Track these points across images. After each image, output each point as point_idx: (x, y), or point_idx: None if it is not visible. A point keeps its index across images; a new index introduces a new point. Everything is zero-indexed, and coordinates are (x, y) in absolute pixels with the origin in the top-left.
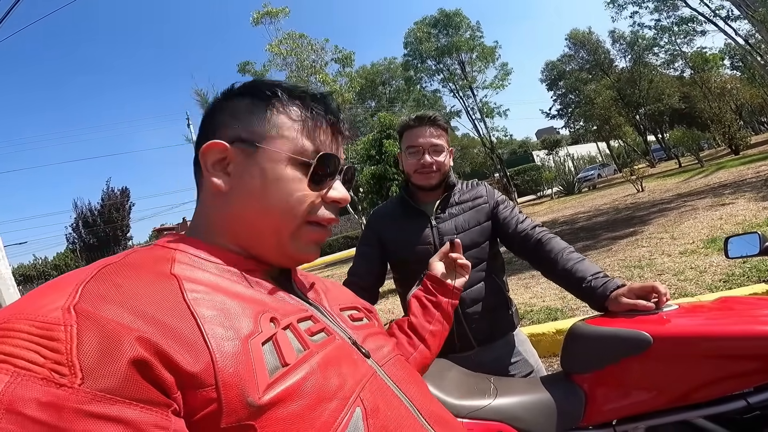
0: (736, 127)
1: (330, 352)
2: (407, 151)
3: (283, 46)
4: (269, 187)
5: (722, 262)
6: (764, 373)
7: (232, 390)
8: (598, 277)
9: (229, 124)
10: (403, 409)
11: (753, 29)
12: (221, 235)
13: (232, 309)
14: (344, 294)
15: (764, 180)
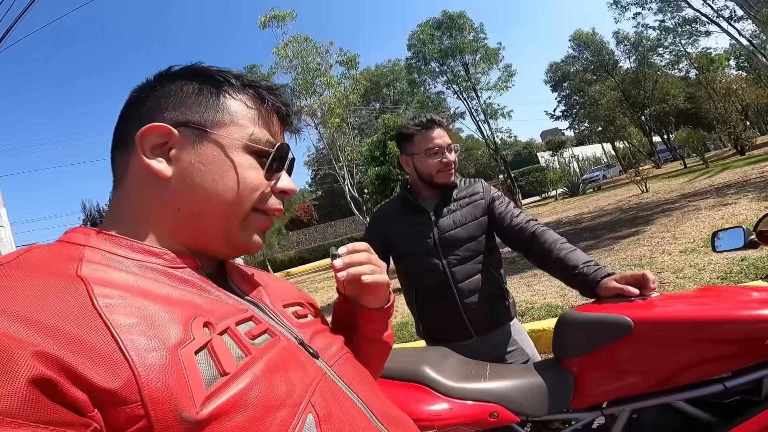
0: (741, 128)
1: (275, 356)
2: (426, 152)
3: (289, 48)
4: (221, 174)
5: (721, 260)
6: (741, 358)
7: (163, 406)
8: (589, 265)
9: (172, 108)
10: (356, 411)
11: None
12: (153, 225)
13: (156, 315)
14: (286, 288)
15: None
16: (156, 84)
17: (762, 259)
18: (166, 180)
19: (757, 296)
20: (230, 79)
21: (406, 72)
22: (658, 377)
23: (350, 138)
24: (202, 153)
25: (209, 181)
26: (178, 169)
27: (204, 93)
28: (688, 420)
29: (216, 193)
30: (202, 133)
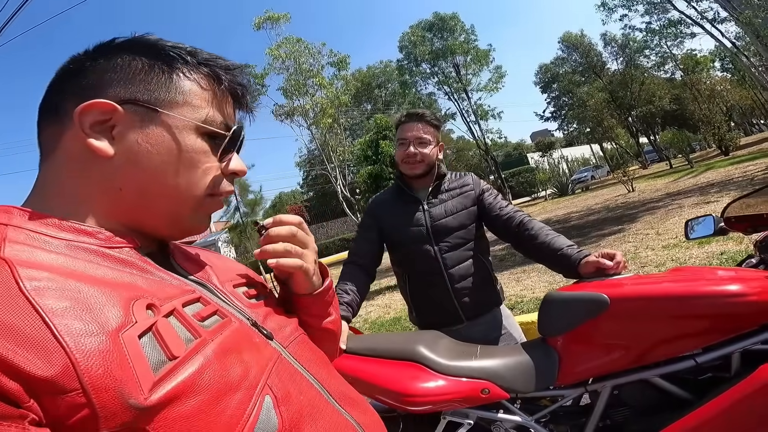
0: (725, 129)
1: (227, 338)
2: (398, 143)
3: (282, 49)
4: (170, 156)
5: (701, 254)
6: (710, 334)
7: (106, 393)
8: (572, 247)
9: (117, 84)
10: (313, 391)
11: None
12: (88, 204)
13: (91, 298)
14: (234, 267)
15: (750, 179)
16: (98, 56)
17: (740, 252)
18: (108, 158)
19: (723, 274)
20: (185, 56)
21: (398, 73)
22: (634, 353)
23: (342, 139)
24: (150, 133)
25: (158, 162)
26: (122, 148)
27: (155, 70)
28: (665, 396)
29: (165, 175)
30: (151, 112)
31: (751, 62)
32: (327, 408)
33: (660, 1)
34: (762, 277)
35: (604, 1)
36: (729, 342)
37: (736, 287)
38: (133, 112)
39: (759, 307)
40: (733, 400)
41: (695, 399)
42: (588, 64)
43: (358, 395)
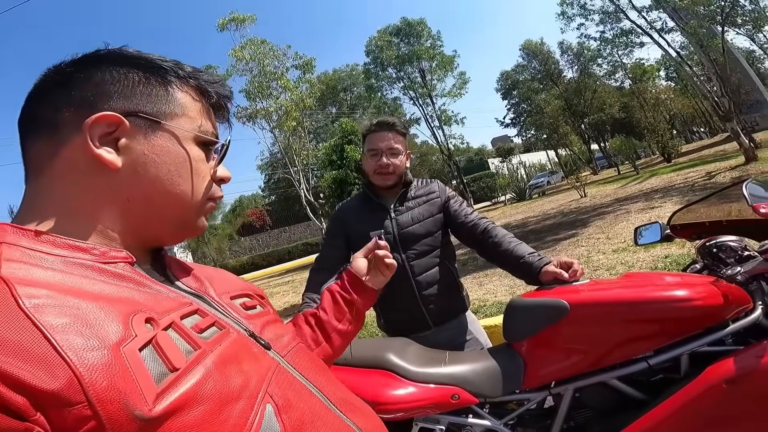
0: (668, 137)
1: (226, 349)
2: (368, 153)
3: (245, 51)
4: (176, 165)
5: (647, 258)
6: (659, 337)
7: (112, 405)
8: (533, 255)
9: (119, 97)
10: (313, 399)
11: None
12: (89, 217)
13: (90, 313)
14: (231, 280)
15: (691, 186)
16: (87, 68)
17: (683, 256)
18: (115, 170)
19: (671, 280)
20: (176, 70)
21: (364, 77)
22: (593, 356)
23: (306, 142)
24: (155, 144)
25: (164, 172)
26: (128, 159)
27: (151, 83)
28: (623, 397)
29: (172, 183)
30: (155, 123)
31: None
32: (328, 414)
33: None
34: (707, 283)
35: (564, 10)
36: (678, 344)
37: (683, 293)
38: (137, 124)
39: (704, 311)
40: (684, 402)
41: (650, 400)
42: (546, 71)
43: (359, 401)
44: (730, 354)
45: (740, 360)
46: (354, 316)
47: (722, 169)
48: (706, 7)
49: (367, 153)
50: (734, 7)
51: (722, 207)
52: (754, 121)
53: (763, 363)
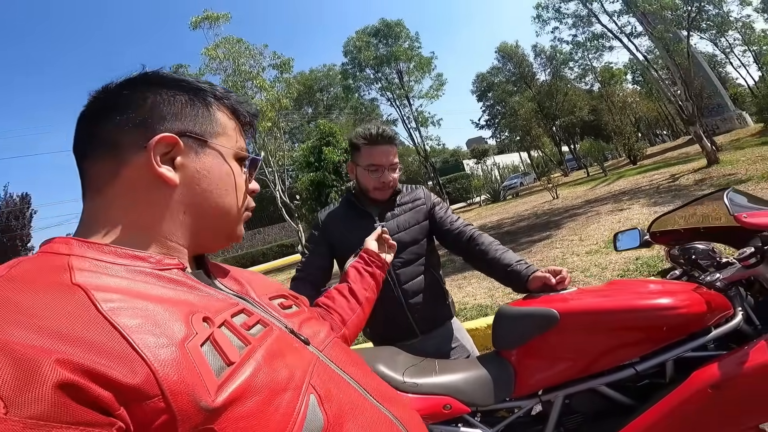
0: (634, 139)
1: (272, 344)
2: (368, 168)
3: (219, 49)
4: (222, 180)
5: (619, 259)
6: (646, 343)
7: (182, 397)
8: (521, 263)
9: (173, 118)
10: (351, 390)
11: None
12: (150, 230)
13: (157, 314)
14: (268, 283)
15: (656, 188)
16: (141, 90)
17: (653, 258)
18: (173, 187)
19: (655, 288)
20: (214, 92)
21: (342, 77)
22: (582, 363)
23: (282, 143)
24: (204, 161)
25: (214, 186)
26: (184, 176)
27: (196, 105)
28: (612, 403)
29: (220, 196)
30: (203, 142)
31: (659, 75)
32: (366, 404)
33: (587, 15)
34: (689, 290)
35: (539, 14)
36: (663, 351)
37: (668, 301)
38: (188, 143)
39: (688, 318)
40: (671, 407)
41: (638, 405)
42: (520, 74)
43: (394, 392)
44: (714, 359)
45: (724, 365)
46: (375, 286)
47: (685, 172)
48: (674, 12)
49: (365, 167)
50: (700, 12)
51: (700, 215)
52: (715, 124)
53: (746, 368)
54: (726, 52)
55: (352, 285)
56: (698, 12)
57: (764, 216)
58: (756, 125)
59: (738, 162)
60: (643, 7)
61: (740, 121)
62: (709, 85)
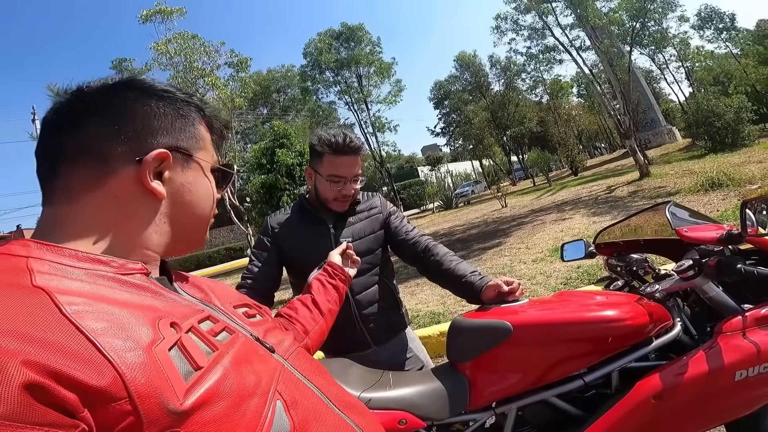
0: (576, 151)
1: (239, 350)
2: (329, 178)
3: (171, 45)
4: (202, 192)
5: (563, 268)
6: (593, 355)
7: (150, 400)
8: (475, 274)
9: (162, 132)
10: (315, 398)
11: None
12: (129, 241)
13: (123, 318)
14: (231, 291)
15: (595, 198)
16: (129, 101)
17: (592, 267)
18: (161, 200)
19: (601, 300)
20: (196, 104)
21: (300, 79)
22: (534, 375)
23: (233, 143)
24: (189, 175)
25: (196, 198)
26: (170, 189)
27: (183, 119)
28: (562, 414)
29: (200, 208)
30: (187, 157)
31: (602, 89)
32: (329, 413)
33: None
34: (632, 302)
35: (498, 24)
36: (609, 361)
37: (613, 312)
38: (176, 158)
39: (632, 329)
40: (618, 417)
41: (587, 416)
42: (476, 83)
43: (356, 400)
44: (656, 370)
45: (665, 376)
46: (338, 298)
47: (620, 184)
48: (620, 27)
49: (326, 177)
50: (643, 27)
51: (643, 227)
52: (648, 139)
53: (686, 378)
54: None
55: (316, 296)
56: (641, 27)
57: (703, 231)
58: (684, 140)
59: (667, 175)
60: (593, 21)
61: (670, 136)
62: (645, 100)
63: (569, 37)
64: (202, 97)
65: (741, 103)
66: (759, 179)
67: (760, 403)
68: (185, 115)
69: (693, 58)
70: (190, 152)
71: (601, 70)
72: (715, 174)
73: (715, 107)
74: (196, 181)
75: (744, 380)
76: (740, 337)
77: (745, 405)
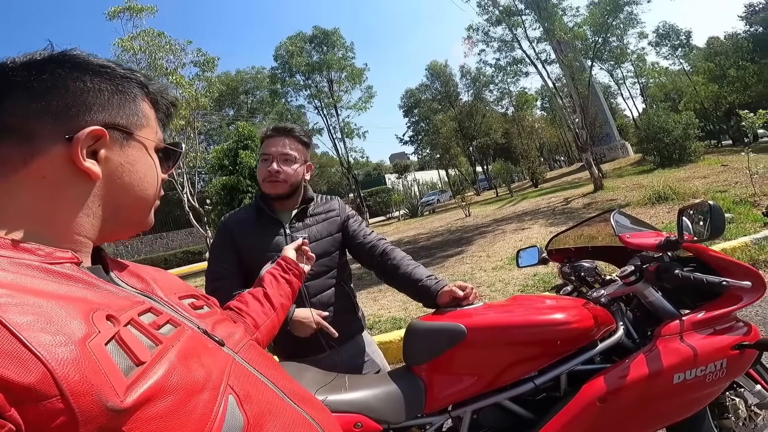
0: (537, 163)
1: (185, 344)
2: (261, 159)
3: (136, 41)
4: (145, 172)
5: (520, 275)
6: (544, 357)
7: (85, 398)
8: (431, 278)
9: (97, 109)
10: (269, 391)
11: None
12: (55, 225)
13: (51, 311)
14: (176, 281)
15: (552, 210)
16: (61, 76)
17: (549, 275)
18: (95, 180)
19: (551, 303)
20: (138, 80)
21: (269, 81)
22: (488, 378)
23: (195, 143)
24: (129, 154)
25: (136, 179)
26: (106, 169)
27: (122, 95)
28: (515, 417)
29: (141, 189)
30: (128, 135)
31: (563, 103)
32: (284, 406)
33: (511, 40)
34: (579, 306)
35: (470, 35)
36: (557, 364)
37: (561, 316)
38: (114, 136)
39: (579, 332)
40: (567, 421)
41: (538, 419)
42: (446, 93)
43: (309, 394)
44: (600, 373)
45: (608, 378)
46: (290, 293)
47: (576, 196)
48: (583, 41)
49: (260, 159)
50: (605, 42)
51: (591, 234)
52: (603, 153)
53: (627, 381)
54: (619, 83)
55: (268, 290)
56: (603, 42)
57: (644, 237)
58: (635, 155)
59: (619, 189)
60: (559, 35)
61: (623, 151)
62: (602, 114)
63: (536, 50)
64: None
65: (689, 119)
66: (702, 194)
67: (699, 406)
68: (125, 91)
69: (648, 74)
70: (130, 130)
71: (564, 84)
72: (661, 188)
73: (664, 123)
74: (138, 160)
75: (682, 383)
76: (678, 341)
77: (684, 408)
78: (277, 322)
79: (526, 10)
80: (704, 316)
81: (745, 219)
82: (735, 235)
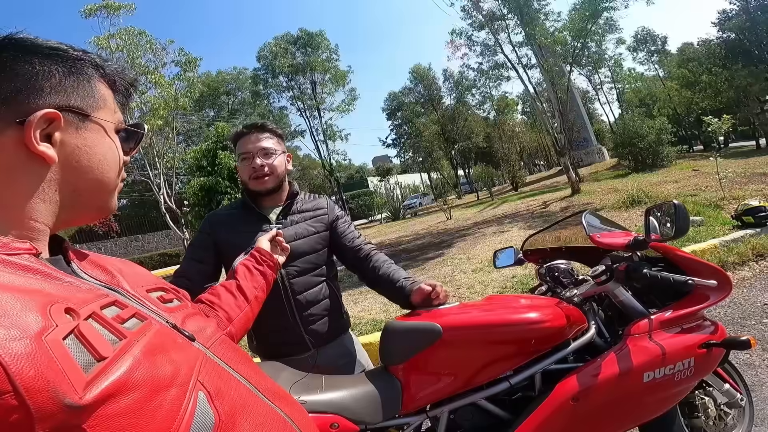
0: (517, 167)
1: (152, 339)
2: (240, 159)
3: (113, 41)
4: (104, 155)
5: (499, 277)
6: (519, 356)
7: (41, 394)
8: (407, 279)
9: (52, 92)
10: (242, 388)
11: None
12: (8, 212)
13: (6, 304)
14: (143, 274)
15: (531, 213)
16: (9, 58)
17: (526, 276)
18: (51, 164)
19: (525, 303)
20: (93, 61)
21: (252, 82)
22: (464, 378)
23: (173, 144)
24: (86, 137)
25: (95, 162)
26: (62, 152)
27: (76, 77)
28: (491, 417)
29: (101, 172)
30: (84, 117)
31: (543, 107)
32: (258, 402)
33: (494, 44)
34: (553, 305)
35: (453, 39)
36: (531, 363)
37: (534, 315)
38: (68, 118)
39: (552, 332)
40: (542, 420)
41: (514, 418)
42: (429, 96)
43: (284, 391)
44: (572, 372)
45: (580, 377)
46: (265, 285)
47: (554, 199)
48: (563, 46)
49: (239, 159)
50: (583, 48)
51: (564, 235)
52: (580, 157)
53: (600, 380)
54: (597, 89)
55: (241, 282)
56: (582, 48)
57: (614, 237)
58: (611, 160)
59: (595, 192)
60: (540, 40)
61: (600, 155)
62: (580, 119)
63: (518, 55)
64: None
65: (662, 125)
66: (673, 197)
67: (669, 405)
68: (78, 73)
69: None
70: (86, 111)
71: (544, 89)
72: (635, 192)
73: (639, 129)
74: (96, 142)
75: (651, 381)
76: (647, 339)
77: (654, 406)
78: (251, 315)
79: (509, 14)
80: (672, 314)
81: (714, 222)
82: (705, 237)
